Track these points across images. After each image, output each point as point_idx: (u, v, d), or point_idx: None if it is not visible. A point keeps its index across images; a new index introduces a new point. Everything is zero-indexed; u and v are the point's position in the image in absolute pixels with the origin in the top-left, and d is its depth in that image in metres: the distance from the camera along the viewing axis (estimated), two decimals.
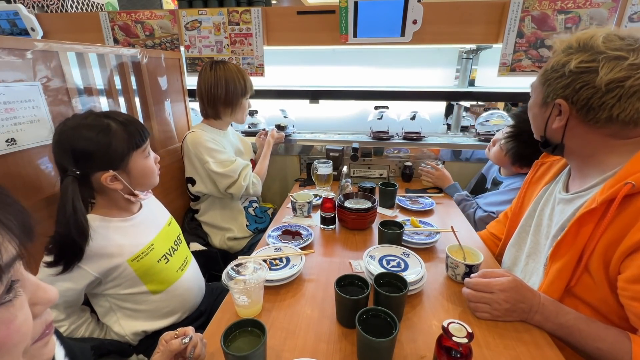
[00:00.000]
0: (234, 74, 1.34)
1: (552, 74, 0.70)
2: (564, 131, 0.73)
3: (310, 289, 0.88)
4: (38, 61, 0.89)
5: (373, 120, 1.80)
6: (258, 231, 1.50)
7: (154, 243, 0.90)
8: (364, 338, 0.60)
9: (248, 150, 1.60)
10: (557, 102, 0.70)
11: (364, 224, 1.17)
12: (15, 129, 0.83)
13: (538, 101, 0.76)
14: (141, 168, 0.86)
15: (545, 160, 0.97)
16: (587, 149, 0.73)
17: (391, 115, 1.79)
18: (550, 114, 0.74)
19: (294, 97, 1.85)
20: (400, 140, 1.73)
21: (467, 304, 0.78)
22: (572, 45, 0.68)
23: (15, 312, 0.31)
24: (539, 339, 0.70)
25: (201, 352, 0.62)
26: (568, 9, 1.33)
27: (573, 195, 0.77)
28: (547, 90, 0.72)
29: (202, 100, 1.39)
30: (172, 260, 0.94)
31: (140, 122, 0.88)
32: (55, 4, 1.74)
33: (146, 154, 0.88)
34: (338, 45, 1.55)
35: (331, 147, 1.67)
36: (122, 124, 0.81)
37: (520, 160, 1.22)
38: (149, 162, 0.89)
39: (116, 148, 0.80)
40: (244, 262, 0.82)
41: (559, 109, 0.71)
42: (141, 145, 0.85)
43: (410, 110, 1.79)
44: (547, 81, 0.72)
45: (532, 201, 0.93)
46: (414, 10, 1.40)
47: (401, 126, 1.78)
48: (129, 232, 0.87)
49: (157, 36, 1.64)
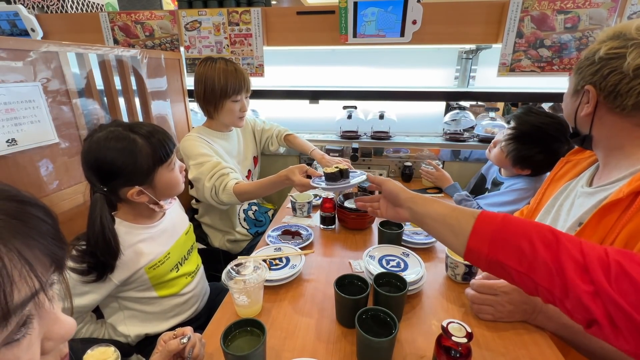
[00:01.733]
0: (217, 72, 1.26)
1: (584, 62, 0.71)
2: (592, 121, 0.73)
3: (310, 288, 0.88)
4: (38, 62, 0.89)
5: (342, 119, 1.81)
6: (257, 234, 1.49)
7: (170, 252, 0.91)
8: (363, 338, 0.61)
9: (250, 144, 1.56)
10: (585, 88, 0.71)
11: (363, 224, 1.17)
12: (16, 130, 0.83)
13: (570, 90, 0.77)
14: (167, 181, 0.85)
15: (572, 158, 0.95)
16: (615, 140, 0.72)
17: (359, 115, 1.83)
18: (580, 102, 0.74)
19: (293, 97, 1.85)
20: (368, 139, 1.76)
21: (470, 305, 0.78)
22: (608, 35, 0.69)
23: (20, 354, 0.27)
24: (539, 339, 0.70)
25: (200, 352, 0.62)
26: (567, 9, 1.34)
27: (597, 189, 0.75)
28: (577, 78, 0.73)
29: None
30: (183, 269, 0.95)
31: (166, 133, 0.85)
32: (55, 5, 1.74)
33: (172, 166, 0.87)
34: (338, 46, 1.55)
35: (331, 147, 1.67)
36: (146, 138, 0.79)
37: (521, 162, 1.22)
38: (175, 174, 0.88)
39: (142, 165, 0.79)
40: (244, 262, 0.82)
41: (587, 95, 0.71)
42: (166, 160, 0.83)
43: (406, 109, 1.81)
44: (579, 69, 0.73)
45: (551, 197, 0.91)
46: (414, 11, 1.40)
47: (370, 125, 1.80)
48: (151, 240, 0.87)
49: (157, 37, 1.65)
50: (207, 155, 1.25)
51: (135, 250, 0.83)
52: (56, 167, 0.95)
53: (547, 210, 0.91)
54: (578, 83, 0.73)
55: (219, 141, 1.38)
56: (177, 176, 0.89)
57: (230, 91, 1.28)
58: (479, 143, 1.69)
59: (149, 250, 0.85)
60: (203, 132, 1.37)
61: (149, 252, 0.85)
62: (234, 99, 1.30)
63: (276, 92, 1.81)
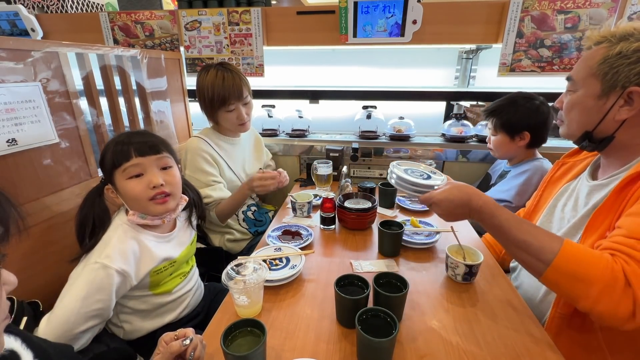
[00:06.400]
0: (207, 83, 1.25)
1: (621, 61, 0.65)
2: (622, 122, 0.70)
3: (310, 289, 0.88)
4: (38, 62, 0.89)
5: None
6: (258, 233, 1.49)
7: (176, 260, 0.92)
8: (363, 338, 0.61)
9: (259, 158, 1.58)
10: (630, 90, 0.66)
11: (363, 224, 1.17)
12: (16, 130, 0.83)
13: (594, 93, 0.71)
14: (125, 189, 0.81)
15: (567, 161, 0.97)
16: (638, 139, 0.72)
17: (344, 114, 1.84)
18: (613, 104, 0.69)
19: (293, 97, 1.85)
20: (356, 138, 1.76)
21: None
22: (632, 33, 0.66)
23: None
24: (539, 339, 0.70)
25: (200, 354, 0.62)
26: (568, 9, 1.34)
27: (610, 179, 0.76)
28: (612, 79, 0.67)
29: None
30: (179, 271, 0.96)
31: (142, 139, 0.82)
32: (55, 5, 1.74)
33: (129, 174, 0.81)
34: (338, 46, 1.55)
35: (331, 147, 1.67)
36: (122, 137, 0.83)
37: (514, 128, 1.28)
38: (133, 186, 0.81)
39: (106, 162, 0.82)
40: (244, 262, 0.82)
41: (626, 97, 0.67)
42: (119, 165, 0.80)
43: (402, 110, 1.80)
44: (611, 69, 0.67)
45: (550, 199, 0.93)
46: (414, 10, 1.40)
47: (358, 125, 1.80)
48: (163, 247, 0.89)
49: (157, 36, 1.65)
50: (200, 175, 1.29)
51: (153, 255, 0.85)
52: (56, 167, 0.95)
53: (549, 211, 0.91)
54: (614, 84, 0.67)
55: (225, 145, 1.38)
56: (138, 191, 0.81)
57: (218, 103, 1.26)
58: (478, 143, 1.69)
59: (160, 257, 0.86)
60: (210, 134, 1.37)
61: (159, 257, 0.86)
62: (226, 109, 1.28)
63: (276, 92, 1.81)
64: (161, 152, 0.84)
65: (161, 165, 0.85)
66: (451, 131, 1.71)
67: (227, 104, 1.26)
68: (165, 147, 0.86)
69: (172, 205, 0.87)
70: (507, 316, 0.77)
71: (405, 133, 1.72)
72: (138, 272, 0.82)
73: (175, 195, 0.88)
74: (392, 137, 1.74)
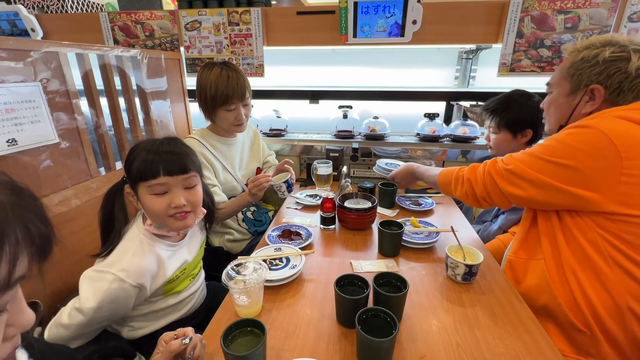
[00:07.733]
0: (210, 81, 1.24)
1: (583, 64, 0.81)
2: (588, 115, 0.83)
3: (310, 289, 0.88)
4: (38, 62, 0.89)
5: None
6: (257, 233, 1.49)
7: (186, 268, 0.91)
8: (363, 338, 0.61)
9: (256, 156, 1.57)
10: (592, 87, 0.80)
11: (363, 224, 1.17)
12: (16, 130, 0.83)
13: (564, 92, 0.87)
14: (146, 203, 0.81)
15: None
16: None
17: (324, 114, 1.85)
18: (579, 100, 0.84)
19: (293, 98, 1.85)
20: (362, 139, 1.75)
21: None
22: (594, 44, 0.80)
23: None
24: (539, 339, 0.71)
25: (200, 353, 0.62)
26: (567, 9, 1.34)
27: None
28: (577, 79, 0.83)
29: None
30: (189, 275, 0.96)
31: (171, 156, 0.79)
32: (55, 5, 1.74)
33: (153, 191, 0.79)
34: (338, 46, 1.55)
35: (331, 147, 1.67)
36: (152, 145, 0.79)
37: (516, 126, 1.25)
38: (154, 202, 0.79)
39: (132, 169, 0.79)
40: (244, 262, 0.82)
41: (590, 94, 0.82)
42: (145, 180, 0.78)
43: (399, 109, 1.80)
44: (577, 72, 0.82)
45: None
46: (414, 11, 1.40)
47: (334, 125, 1.81)
48: (177, 256, 0.89)
49: (157, 37, 1.65)
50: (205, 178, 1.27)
51: (163, 269, 0.84)
52: (56, 167, 0.95)
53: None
54: (579, 84, 0.82)
55: (220, 146, 1.37)
56: (160, 208, 0.79)
57: (220, 101, 1.25)
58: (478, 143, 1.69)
59: (173, 266, 0.86)
60: (206, 135, 1.36)
61: (172, 267, 0.86)
62: (227, 107, 1.27)
63: (276, 92, 1.81)
64: (188, 172, 0.82)
65: (186, 185, 0.83)
66: (457, 131, 1.71)
67: (229, 102, 1.26)
68: (192, 164, 0.83)
69: (191, 222, 0.86)
70: (507, 316, 0.77)
71: (379, 132, 1.73)
72: (153, 284, 0.82)
73: (195, 212, 0.87)
74: (367, 137, 1.75)
